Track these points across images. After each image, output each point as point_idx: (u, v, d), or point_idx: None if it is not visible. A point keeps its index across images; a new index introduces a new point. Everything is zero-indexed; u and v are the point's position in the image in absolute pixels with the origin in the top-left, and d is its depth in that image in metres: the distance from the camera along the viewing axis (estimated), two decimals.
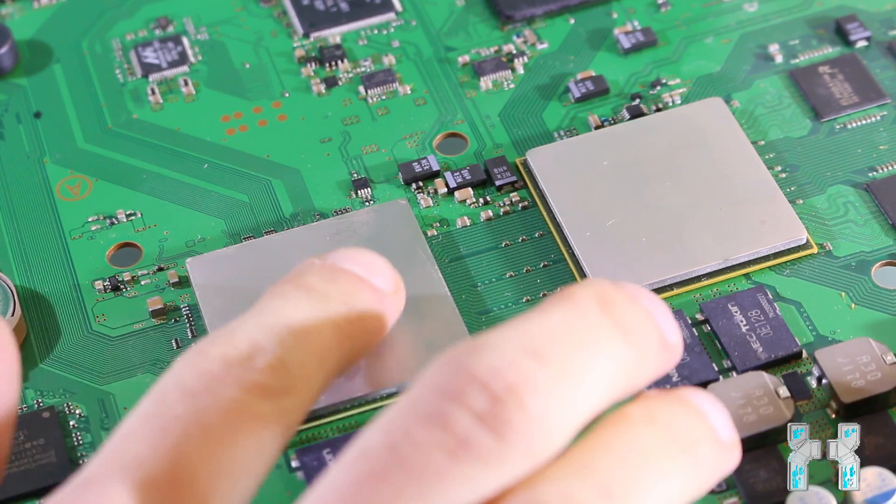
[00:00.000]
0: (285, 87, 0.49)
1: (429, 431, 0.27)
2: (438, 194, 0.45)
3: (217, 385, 0.29)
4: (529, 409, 0.27)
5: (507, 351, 0.27)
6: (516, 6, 0.50)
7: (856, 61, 0.47)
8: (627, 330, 0.29)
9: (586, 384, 0.28)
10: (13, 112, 0.48)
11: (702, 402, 0.30)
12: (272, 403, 0.30)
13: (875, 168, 0.45)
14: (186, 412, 0.29)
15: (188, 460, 0.28)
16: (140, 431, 0.29)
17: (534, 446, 0.27)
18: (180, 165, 0.47)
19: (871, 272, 0.42)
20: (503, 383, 0.27)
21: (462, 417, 0.27)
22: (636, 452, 0.28)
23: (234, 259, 0.43)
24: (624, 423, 0.29)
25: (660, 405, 0.29)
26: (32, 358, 0.42)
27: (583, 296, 0.29)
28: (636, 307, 0.29)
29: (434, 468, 0.27)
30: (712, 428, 0.29)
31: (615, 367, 0.28)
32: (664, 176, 0.44)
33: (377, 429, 0.27)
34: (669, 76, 0.48)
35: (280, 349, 0.30)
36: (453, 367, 0.27)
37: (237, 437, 0.29)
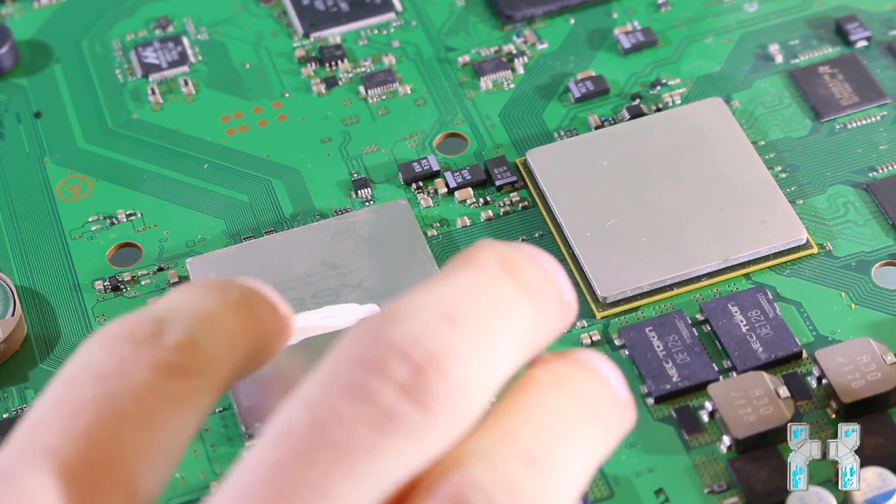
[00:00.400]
0: (285, 87, 0.49)
1: (353, 405, 0.26)
2: (438, 194, 0.45)
3: (127, 366, 0.29)
4: (451, 378, 0.27)
5: (423, 318, 0.27)
6: (516, 6, 0.50)
7: (856, 61, 0.47)
8: (532, 291, 0.29)
9: (502, 347, 0.28)
10: (13, 112, 0.48)
11: (599, 364, 0.30)
12: (183, 383, 0.29)
13: (875, 168, 0.45)
14: (97, 395, 0.28)
15: (103, 445, 0.28)
16: (51, 418, 0.28)
17: (458, 415, 0.27)
18: (180, 165, 0.47)
19: (871, 272, 0.42)
20: (423, 352, 0.27)
21: (385, 389, 0.26)
22: (551, 417, 0.28)
23: (234, 259, 0.43)
24: (534, 387, 0.29)
25: (564, 369, 0.29)
26: (32, 358, 0.42)
27: (485, 258, 0.29)
28: (536, 267, 0.29)
29: (361, 444, 0.26)
30: (612, 388, 0.30)
31: (525, 327, 0.28)
32: (664, 176, 0.44)
33: (297, 404, 0.27)
34: (669, 76, 0.48)
35: (189, 329, 0.30)
36: (372, 336, 0.27)
37: (151, 419, 0.28)
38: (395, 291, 0.41)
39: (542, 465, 0.27)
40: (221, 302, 0.31)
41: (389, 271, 0.42)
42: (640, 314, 0.41)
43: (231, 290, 0.32)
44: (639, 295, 0.42)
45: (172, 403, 0.29)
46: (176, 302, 0.31)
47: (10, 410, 0.41)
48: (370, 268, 0.42)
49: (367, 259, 0.42)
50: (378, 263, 0.42)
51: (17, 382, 0.41)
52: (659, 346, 0.40)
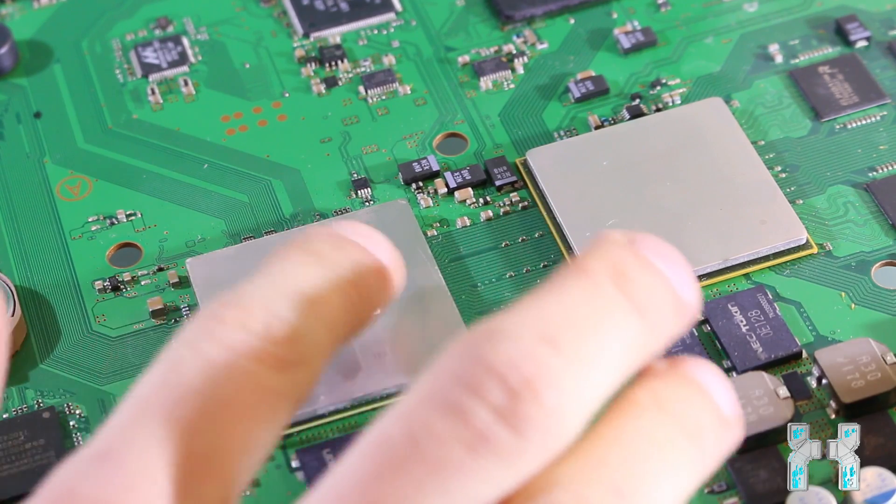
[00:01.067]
0: (285, 87, 0.49)
1: (448, 424, 0.26)
2: (438, 194, 0.45)
3: (234, 356, 0.29)
4: (546, 403, 0.27)
5: (522, 339, 0.27)
6: (516, 6, 0.50)
7: (856, 61, 0.47)
8: (643, 306, 0.28)
9: (601, 368, 0.28)
10: (13, 112, 0.48)
11: (707, 379, 0.29)
12: (285, 376, 0.29)
13: (875, 168, 0.45)
14: (203, 383, 0.28)
15: (204, 435, 0.28)
16: (156, 401, 0.28)
17: (550, 439, 0.27)
18: (180, 165, 0.47)
19: (871, 272, 0.42)
20: (520, 376, 0.27)
21: (480, 411, 0.26)
22: (646, 446, 0.28)
23: (234, 259, 0.43)
24: (632, 410, 0.28)
25: (667, 388, 0.29)
26: (32, 358, 0.42)
27: (596, 269, 0.29)
28: (651, 274, 0.29)
29: (454, 462, 0.26)
30: (717, 408, 0.29)
31: (630, 346, 0.28)
32: (664, 176, 0.44)
33: (395, 417, 0.27)
34: (669, 76, 0.48)
35: (295, 318, 0.30)
36: (470, 356, 0.27)
37: (252, 412, 0.28)
38: None
39: (631, 497, 0.27)
40: (331, 280, 0.31)
41: None
42: None
43: (343, 264, 0.31)
44: None
45: (274, 396, 0.29)
46: (282, 278, 0.30)
47: (11, 410, 0.41)
48: None
49: None
50: None
51: (17, 382, 0.41)
52: None
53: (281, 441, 0.39)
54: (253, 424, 0.28)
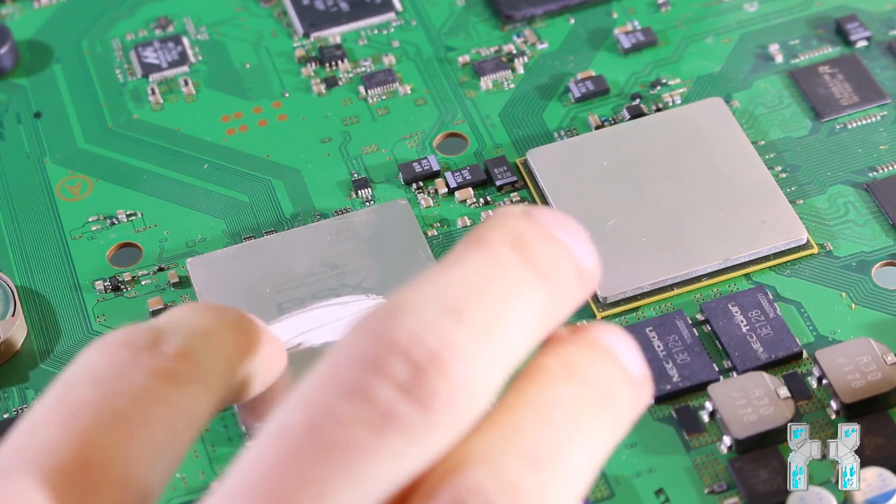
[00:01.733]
0: (285, 87, 0.49)
1: (351, 406, 0.26)
2: (439, 194, 0.45)
3: (126, 370, 0.29)
4: (453, 376, 0.26)
5: (425, 312, 0.26)
6: (516, 6, 0.50)
7: (856, 61, 0.47)
8: (545, 272, 0.28)
9: (508, 338, 0.27)
10: (13, 112, 0.48)
11: (613, 342, 0.29)
12: (181, 391, 0.29)
13: (875, 168, 0.45)
14: (96, 398, 0.28)
15: (100, 446, 0.28)
16: (49, 418, 0.28)
17: (459, 413, 0.26)
18: (180, 165, 0.47)
19: (872, 272, 0.42)
20: (424, 350, 0.26)
21: (384, 390, 0.26)
22: (559, 413, 0.27)
23: (234, 259, 0.43)
24: (542, 377, 0.28)
25: (575, 353, 0.28)
26: (33, 358, 0.42)
27: (496, 238, 0.28)
28: (551, 242, 0.28)
29: (359, 445, 0.25)
30: (626, 369, 0.28)
31: (536, 314, 0.28)
32: (664, 176, 0.44)
33: (295, 404, 0.26)
34: (670, 76, 0.48)
35: (186, 339, 0.30)
36: (372, 333, 0.26)
37: (148, 422, 0.28)
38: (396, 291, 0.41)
39: (547, 466, 0.27)
40: (218, 321, 0.31)
41: (390, 271, 0.42)
42: (640, 314, 0.41)
43: (227, 313, 0.32)
44: (639, 295, 0.42)
45: (169, 408, 0.29)
46: (174, 317, 0.31)
47: (11, 410, 0.41)
48: (370, 268, 0.42)
49: (367, 259, 0.42)
50: (378, 263, 0.42)
51: (17, 382, 0.41)
52: (659, 346, 0.40)
53: None
54: (149, 434, 0.28)
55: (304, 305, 0.41)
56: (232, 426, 0.40)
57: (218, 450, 0.39)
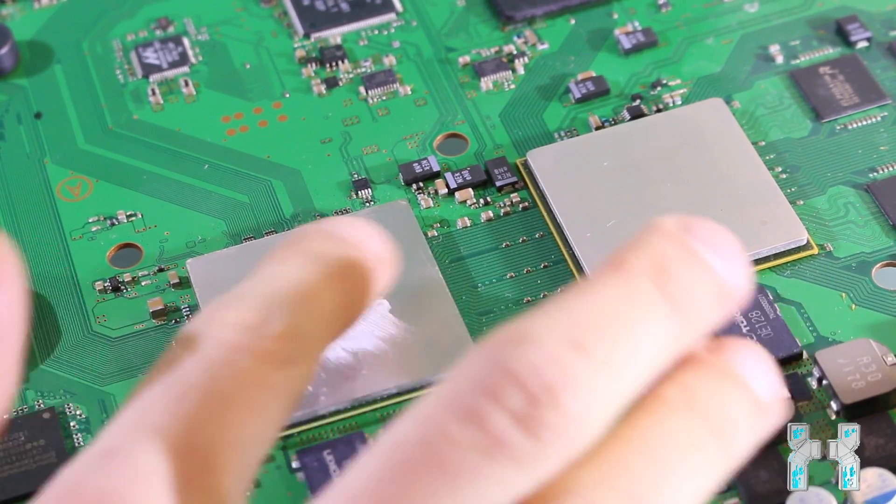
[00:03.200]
0: (286, 87, 0.49)
1: (464, 428, 0.26)
2: (439, 195, 0.45)
3: (232, 353, 0.29)
4: (567, 409, 0.26)
5: (547, 343, 0.27)
6: (517, 7, 0.50)
7: (856, 62, 0.47)
8: (682, 305, 0.28)
9: (629, 372, 0.27)
10: (14, 112, 0.48)
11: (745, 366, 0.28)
12: (282, 373, 0.29)
13: (875, 169, 0.45)
14: (203, 380, 0.28)
15: (206, 429, 0.28)
16: (157, 399, 0.28)
17: (568, 444, 0.27)
18: (181, 166, 0.47)
19: (872, 273, 0.42)
20: (541, 382, 0.26)
21: (498, 417, 0.26)
22: (671, 450, 0.27)
23: (234, 260, 0.43)
24: (661, 410, 0.28)
25: (700, 382, 0.28)
26: (33, 358, 0.42)
27: (636, 266, 0.28)
28: (695, 268, 0.28)
29: (468, 467, 0.26)
30: (754, 397, 0.28)
31: (664, 345, 0.27)
32: (665, 177, 0.44)
33: (412, 420, 0.27)
34: (670, 77, 0.48)
35: (290, 316, 0.30)
36: (492, 361, 0.27)
37: (251, 407, 0.28)
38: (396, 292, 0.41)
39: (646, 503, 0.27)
40: (321, 276, 0.31)
41: None
42: None
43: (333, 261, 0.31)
44: None
45: (272, 391, 0.29)
46: (276, 279, 0.30)
47: (11, 411, 0.41)
48: None
49: None
50: None
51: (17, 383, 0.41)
52: None
53: (281, 442, 0.39)
54: (252, 419, 0.29)
55: None
56: None
57: None
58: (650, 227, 0.29)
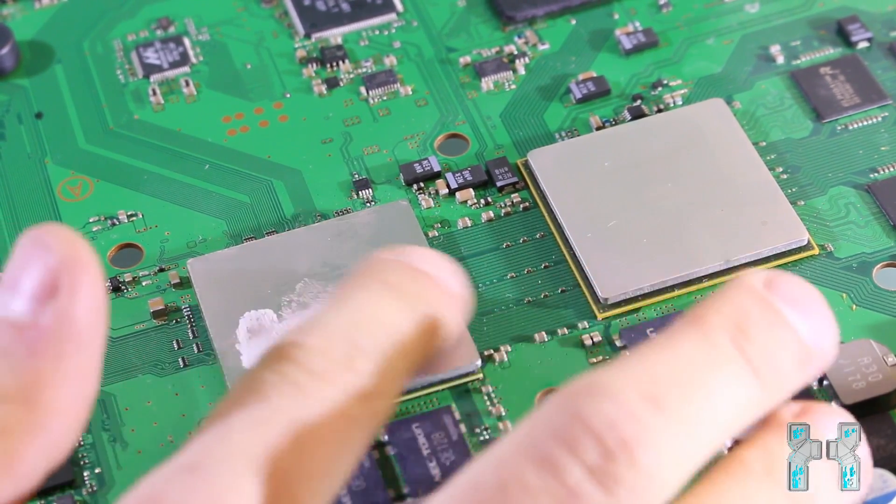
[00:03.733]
0: (286, 87, 0.49)
1: (540, 477, 0.26)
2: (439, 195, 0.45)
3: (320, 384, 0.29)
4: (641, 465, 0.26)
5: (624, 397, 0.27)
6: (517, 7, 0.50)
7: (857, 62, 0.47)
8: (762, 367, 0.28)
9: (705, 432, 0.27)
10: (14, 112, 0.48)
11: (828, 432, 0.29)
12: (366, 406, 0.29)
13: (876, 169, 0.45)
14: (290, 408, 0.28)
15: (289, 457, 0.28)
16: (244, 421, 0.28)
17: (642, 500, 0.27)
18: (181, 166, 0.47)
19: (873, 273, 0.42)
20: (617, 437, 0.26)
21: (574, 468, 0.26)
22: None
23: (235, 260, 0.43)
24: (738, 473, 0.28)
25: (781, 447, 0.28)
26: None
27: (716, 323, 0.28)
28: (776, 328, 0.28)
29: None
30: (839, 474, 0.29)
31: (741, 406, 0.27)
32: (665, 177, 0.44)
33: (489, 463, 0.27)
34: (671, 77, 0.48)
35: (377, 351, 0.30)
36: (570, 412, 0.27)
37: (334, 438, 0.29)
38: None
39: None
40: (409, 314, 0.31)
41: None
42: (641, 315, 0.41)
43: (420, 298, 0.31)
44: (640, 296, 0.42)
45: (355, 424, 0.29)
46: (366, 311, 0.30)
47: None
48: None
49: None
50: None
51: None
52: None
53: None
54: (334, 449, 0.29)
55: (306, 306, 0.41)
56: None
57: None
58: (734, 281, 0.28)
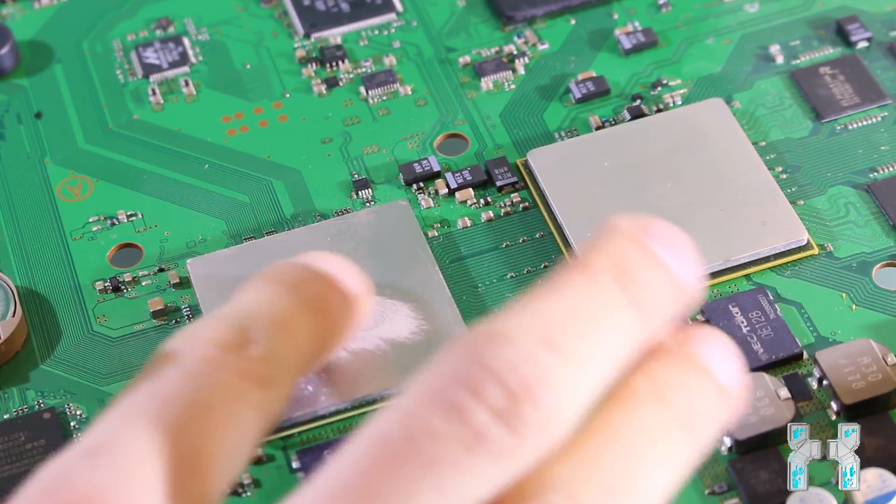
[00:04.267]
0: (286, 87, 0.49)
1: (446, 422, 0.27)
2: (439, 195, 0.45)
3: (215, 369, 0.30)
4: (544, 406, 0.27)
5: (523, 343, 0.28)
6: (517, 7, 0.50)
7: (856, 62, 0.47)
8: (644, 304, 0.29)
9: (600, 368, 0.28)
10: (14, 112, 0.48)
11: (710, 355, 0.29)
12: (261, 392, 0.30)
13: (876, 169, 0.45)
14: (187, 390, 0.29)
15: (190, 436, 0.29)
16: (144, 404, 0.29)
17: (546, 439, 0.27)
18: (181, 166, 0.47)
19: (872, 273, 0.42)
20: (519, 379, 0.27)
21: (480, 412, 0.27)
22: (642, 441, 0.28)
23: (234, 260, 0.43)
24: (630, 402, 0.29)
25: (667, 374, 0.29)
26: (33, 359, 0.42)
27: (599, 268, 0.29)
28: (654, 268, 0.29)
29: (450, 460, 0.27)
30: (719, 386, 0.29)
31: (629, 341, 0.29)
32: (665, 177, 0.44)
33: (393, 414, 0.28)
34: (670, 77, 0.48)
35: (269, 339, 0.31)
36: (471, 357, 0.28)
37: (232, 420, 0.29)
38: (396, 292, 0.42)
39: (622, 494, 0.28)
40: (297, 305, 0.32)
41: (390, 272, 0.42)
42: None
43: (305, 289, 0.33)
44: None
45: (251, 408, 0.30)
46: (255, 305, 0.32)
47: (11, 411, 0.41)
48: (371, 268, 0.42)
49: (367, 260, 0.42)
50: (379, 264, 0.42)
51: (17, 383, 0.41)
52: None
53: (281, 442, 0.39)
54: (232, 432, 0.30)
55: None
56: None
57: None
58: (609, 227, 0.30)
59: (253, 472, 0.39)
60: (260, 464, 0.39)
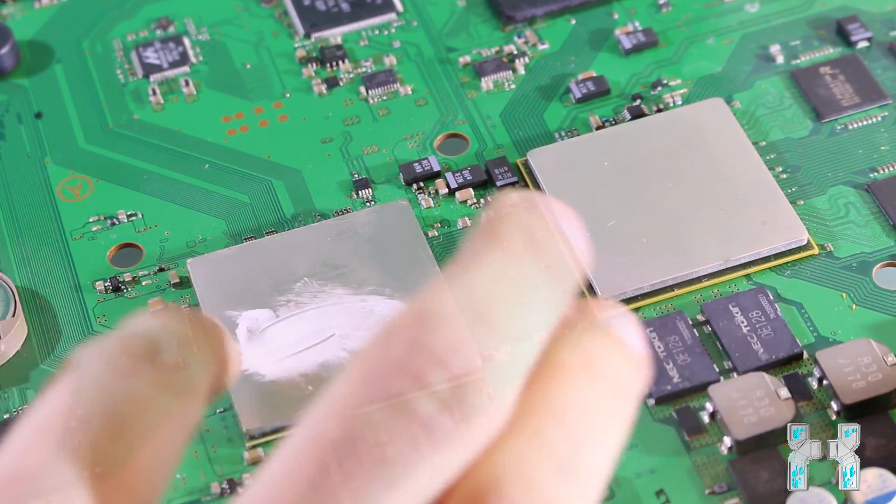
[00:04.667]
0: (286, 87, 0.49)
1: (391, 417, 0.26)
2: (439, 195, 0.45)
3: (129, 379, 0.29)
4: (488, 386, 0.26)
5: (460, 322, 0.27)
6: (517, 7, 0.50)
7: (857, 62, 0.47)
8: (555, 271, 0.29)
9: (532, 339, 0.28)
10: (14, 112, 0.48)
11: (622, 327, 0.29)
12: (180, 402, 0.29)
13: (876, 169, 0.45)
14: (104, 404, 0.28)
15: (112, 451, 0.28)
16: (59, 423, 0.28)
17: (493, 421, 0.27)
18: (181, 166, 0.47)
19: (872, 273, 0.42)
20: (463, 362, 0.26)
21: (425, 402, 0.26)
22: (583, 416, 0.28)
23: (235, 260, 0.43)
24: (564, 378, 0.28)
25: (591, 346, 0.29)
26: (33, 358, 0.42)
27: (511, 236, 0.28)
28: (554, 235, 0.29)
29: (400, 458, 0.26)
30: (634, 356, 0.29)
31: (551, 310, 0.28)
32: (665, 177, 0.44)
33: (331, 411, 0.26)
34: (670, 77, 0.48)
35: (180, 349, 0.30)
36: (410, 343, 0.26)
37: (153, 431, 0.29)
38: (396, 292, 0.42)
39: (574, 473, 0.27)
40: (196, 329, 0.31)
41: (390, 272, 0.42)
42: (640, 315, 0.41)
43: (201, 320, 0.32)
44: (640, 295, 0.42)
45: (171, 418, 0.29)
46: (158, 326, 0.31)
47: (11, 411, 0.41)
48: (371, 268, 0.42)
49: (367, 260, 0.42)
50: (379, 264, 0.42)
51: (17, 383, 0.41)
52: (660, 346, 0.40)
53: None
54: (154, 442, 0.29)
55: (305, 306, 0.41)
56: (232, 427, 0.40)
57: (218, 450, 0.39)
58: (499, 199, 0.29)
59: (253, 473, 0.39)
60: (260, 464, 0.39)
